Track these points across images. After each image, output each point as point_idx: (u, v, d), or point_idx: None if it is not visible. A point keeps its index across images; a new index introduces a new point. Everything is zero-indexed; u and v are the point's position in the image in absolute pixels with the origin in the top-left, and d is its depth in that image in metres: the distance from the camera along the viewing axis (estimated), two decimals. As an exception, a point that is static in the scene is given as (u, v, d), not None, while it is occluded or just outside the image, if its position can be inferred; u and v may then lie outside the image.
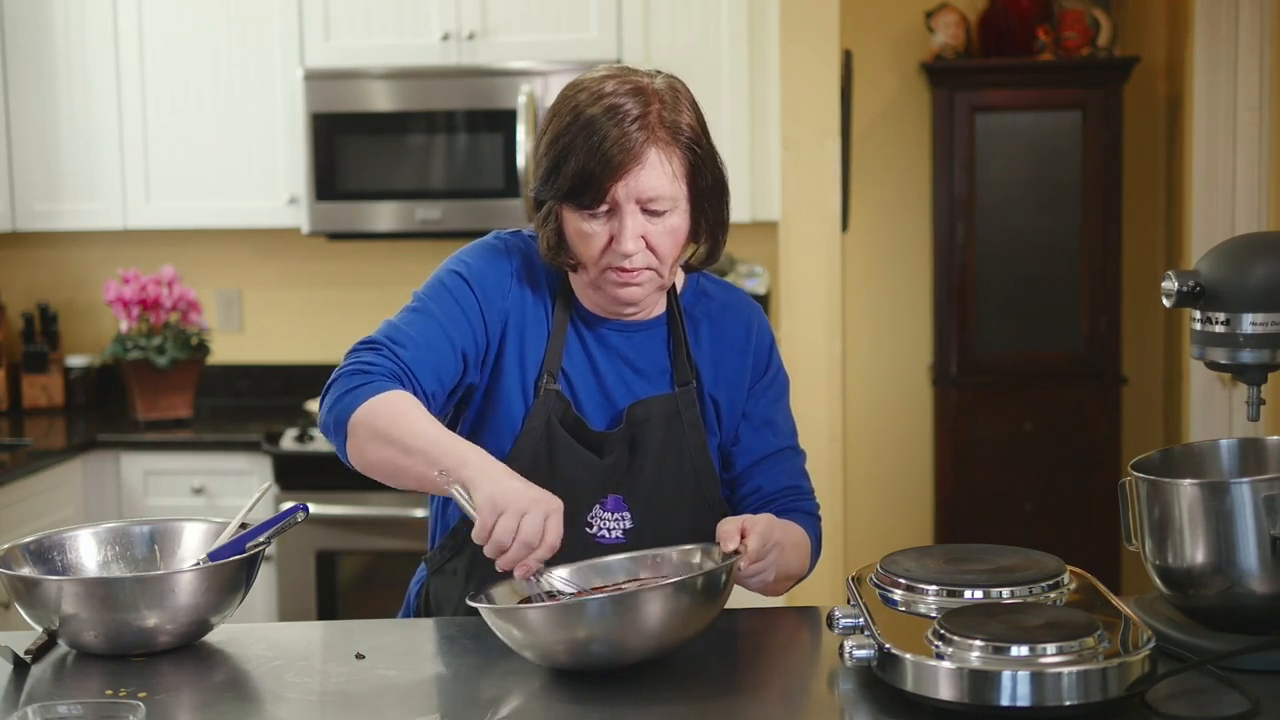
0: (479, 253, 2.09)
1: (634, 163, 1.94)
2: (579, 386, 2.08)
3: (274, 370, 4.85)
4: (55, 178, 4.53)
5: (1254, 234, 1.91)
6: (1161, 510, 1.81)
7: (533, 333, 2.07)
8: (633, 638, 1.72)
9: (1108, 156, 4.90)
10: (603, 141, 1.94)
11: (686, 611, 1.75)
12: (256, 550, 1.97)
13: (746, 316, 2.17)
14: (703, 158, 2.01)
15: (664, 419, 2.08)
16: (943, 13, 4.97)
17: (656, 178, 1.96)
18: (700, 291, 2.16)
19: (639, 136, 1.95)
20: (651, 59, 4.30)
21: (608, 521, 2.06)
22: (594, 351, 2.09)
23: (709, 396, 2.12)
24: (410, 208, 4.34)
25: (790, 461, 2.18)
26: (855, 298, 5.12)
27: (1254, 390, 1.89)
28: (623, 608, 1.71)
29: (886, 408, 5.25)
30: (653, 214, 1.98)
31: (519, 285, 2.07)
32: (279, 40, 4.42)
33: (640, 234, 1.98)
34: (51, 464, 4.09)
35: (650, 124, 1.96)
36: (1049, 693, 1.57)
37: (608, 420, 2.08)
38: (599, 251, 1.99)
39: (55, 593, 1.85)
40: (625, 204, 1.96)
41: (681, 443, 2.08)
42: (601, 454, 2.06)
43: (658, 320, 2.12)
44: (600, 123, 1.94)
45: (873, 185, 5.16)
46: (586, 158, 1.94)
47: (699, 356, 2.12)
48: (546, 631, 1.73)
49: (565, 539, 1.83)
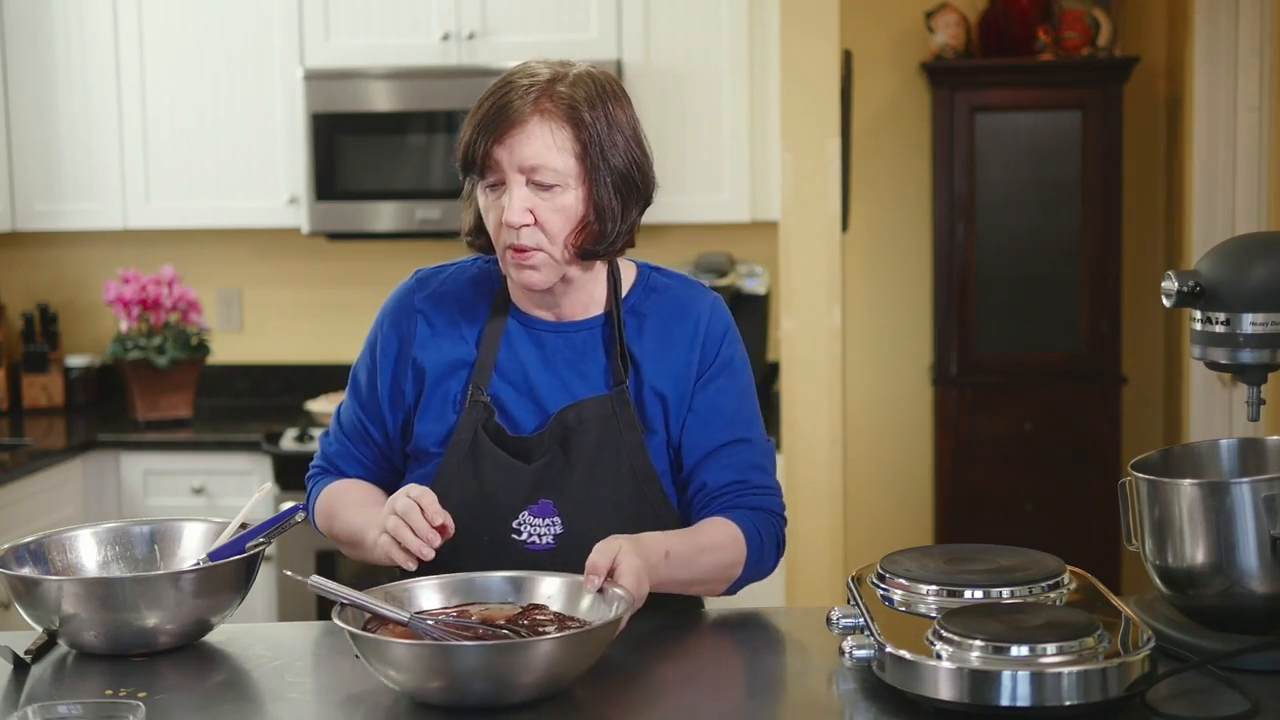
0: (384, 310, 2.18)
1: (514, 127, 1.96)
2: (515, 393, 2.08)
3: (274, 370, 4.85)
4: (55, 178, 4.53)
5: (1254, 234, 1.91)
6: (1161, 510, 1.81)
7: (458, 352, 2.10)
8: (495, 685, 1.65)
9: (1108, 156, 4.90)
10: (489, 109, 1.98)
11: (560, 662, 1.67)
12: (256, 550, 1.97)
13: (695, 308, 2.12)
14: (601, 141, 1.99)
15: (598, 420, 2.05)
16: (943, 13, 4.97)
17: (538, 146, 1.96)
18: (649, 287, 2.14)
19: (521, 104, 1.97)
20: (651, 59, 4.30)
21: (538, 527, 2.04)
22: (529, 355, 2.09)
23: (655, 393, 2.08)
24: (410, 208, 4.34)
25: (739, 454, 2.10)
26: (855, 298, 5.12)
27: (1254, 390, 1.89)
28: (486, 657, 1.64)
29: (886, 408, 5.25)
30: (540, 187, 1.98)
31: (427, 320, 2.12)
32: (279, 40, 4.42)
33: (527, 207, 1.98)
34: (51, 464, 4.09)
35: (536, 95, 1.98)
36: (1049, 693, 1.57)
37: (538, 424, 2.07)
38: (496, 228, 2.01)
39: (55, 593, 1.85)
40: (510, 173, 1.98)
41: (618, 443, 2.05)
42: (529, 459, 2.04)
43: (595, 320, 2.11)
44: (491, 93, 2.00)
45: (873, 185, 5.16)
46: (473, 125, 1.99)
47: (641, 353, 2.09)
48: (409, 667, 1.67)
49: (492, 546, 1.96)
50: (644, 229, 2.14)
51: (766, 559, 2.10)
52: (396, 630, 1.75)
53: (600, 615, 1.77)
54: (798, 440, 4.11)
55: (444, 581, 1.86)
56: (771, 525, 2.11)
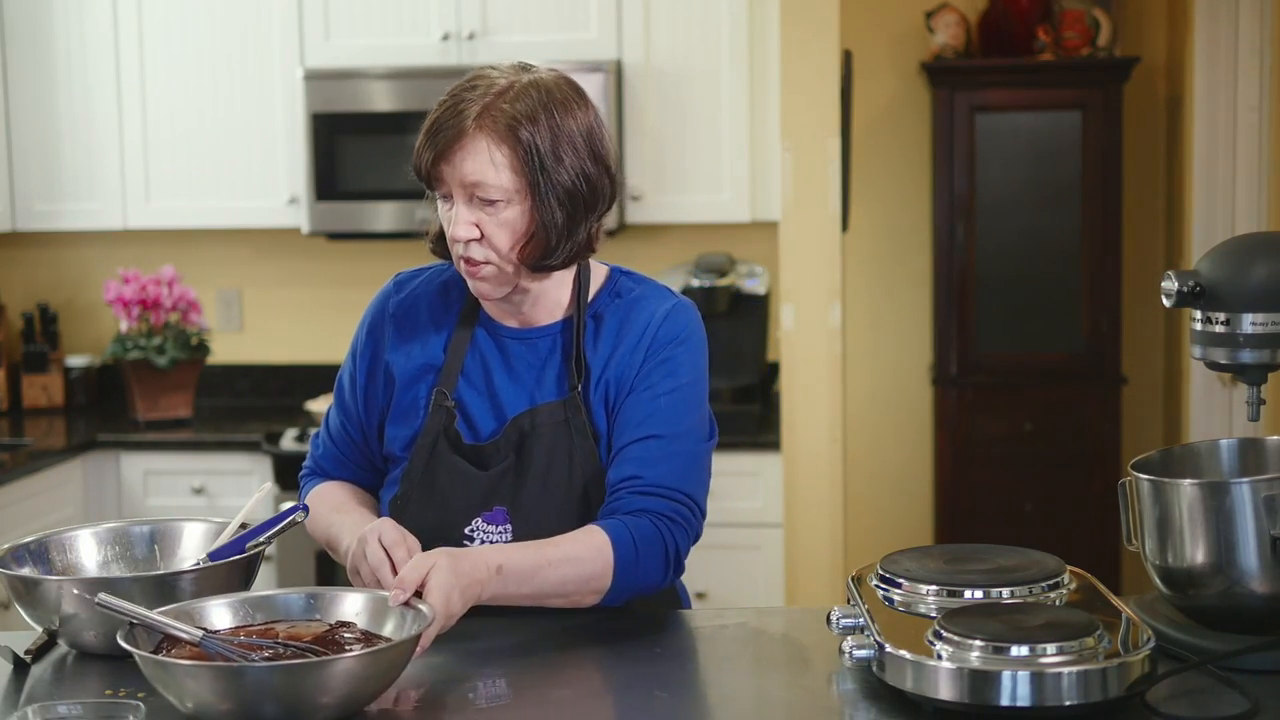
0: (365, 315, 2.21)
1: (455, 146, 1.97)
2: (474, 398, 2.09)
3: (274, 370, 4.85)
4: (55, 178, 4.53)
5: (1254, 234, 1.91)
6: (1161, 510, 1.81)
7: (426, 357, 2.12)
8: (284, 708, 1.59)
9: (1108, 156, 4.90)
10: (434, 124, 2.00)
11: (355, 680, 1.62)
12: (256, 550, 1.97)
13: (650, 311, 2.08)
14: (542, 157, 1.96)
15: (552, 426, 2.04)
16: (943, 13, 4.97)
17: (477, 164, 1.97)
18: (615, 292, 2.12)
19: (462, 121, 1.98)
20: (651, 59, 4.30)
21: (490, 534, 2.03)
22: (493, 361, 2.10)
23: (604, 396, 2.06)
24: (410, 208, 4.34)
25: (645, 449, 2.01)
26: (855, 298, 5.12)
27: (1254, 390, 1.89)
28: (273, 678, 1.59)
29: (886, 408, 5.25)
30: (483, 202, 1.98)
31: (398, 325, 2.14)
32: (279, 40, 4.42)
33: (472, 222, 1.99)
34: (51, 464, 4.09)
35: (478, 111, 1.98)
36: (1049, 693, 1.57)
37: (493, 431, 2.07)
38: (450, 241, 2.03)
39: (55, 593, 1.85)
40: (455, 189, 1.99)
41: (570, 449, 2.04)
42: (485, 466, 2.05)
43: (556, 326, 2.10)
44: (440, 105, 2.01)
45: (873, 185, 5.16)
46: (422, 141, 2.01)
47: (595, 356, 2.07)
48: (198, 689, 1.60)
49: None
50: (644, 229, 2.14)
51: (646, 568, 1.97)
52: (191, 651, 1.68)
53: (408, 632, 1.71)
54: (798, 440, 4.11)
55: (243, 599, 1.80)
56: (657, 530, 1.98)
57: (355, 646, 1.70)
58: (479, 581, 1.86)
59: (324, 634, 1.75)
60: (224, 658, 1.66)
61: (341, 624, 1.76)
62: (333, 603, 1.79)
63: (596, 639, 1.94)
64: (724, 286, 4.38)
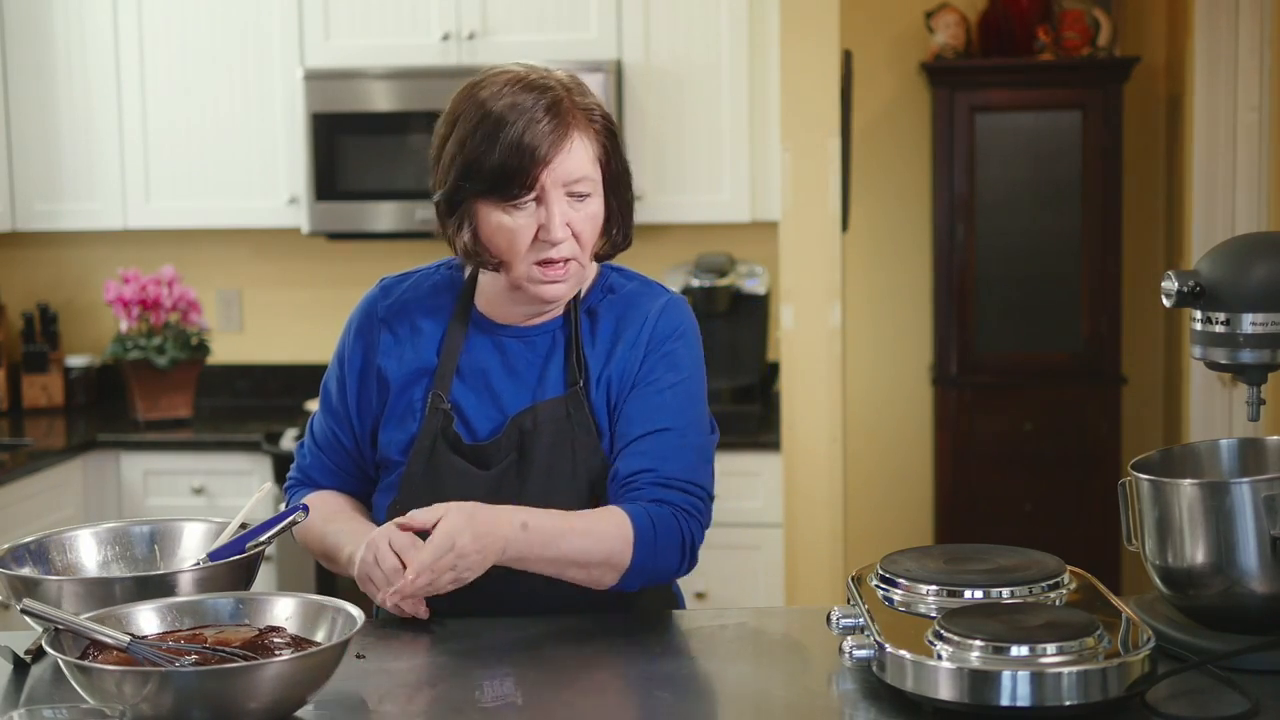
0: (351, 320, 2.20)
1: (559, 147, 1.97)
2: (476, 398, 2.08)
3: (274, 370, 4.85)
4: (55, 178, 4.53)
5: (1254, 234, 1.91)
6: (1161, 510, 1.81)
7: (420, 360, 2.10)
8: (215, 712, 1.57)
9: (1108, 156, 4.90)
10: (527, 133, 1.96)
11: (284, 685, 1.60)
12: (256, 550, 1.97)
13: (646, 308, 2.10)
14: (616, 142, 2.04)
15: (553, 423, 2.05)
16: (943, 13, 4.97)
17: (579, 160, 1.99)
18: (607, 288, 2.13)
19: (561, 121, 1.97)
20: (651, 59, 4.30)
21: None
22: (490, 361, 2.09)
23: (604, 392, 2.07)
24: (410, 208, 4.34)
25: (657, 442, 2.03)
26: (855, 298, 5.12)
27: (1254, 390, 1.89)
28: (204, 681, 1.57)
29: (886, 408, 5.25)
30: (576, 197, 1.99)
31: (390, 329, 2.13)
32: (279, 40, 4.42)
33: (566, 220, 1.99)
34: (51, 464, 4.09)
35: (567, 108, 1.99)
36: (1049, 693, 1.57)
37: (493, 430, 2.07)
38: (525, 246, 1.99)
39: (55, 593, 1.85)
40: (552, 190, 1.98)
41: (573, 445, 2.05)
42: (488, 465, 2.05)
43: (554, 324, 2.11)
44: (520, 111, 1.97)
45: (873, 185, 5.16)
46: (508, 152, 1.96)
47: (594, 353, 2.08)
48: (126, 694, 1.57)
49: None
50: (644, 229, 2.15)
51: (664, 553, 1.99)
52: (118, 657, 1.65)
53: (339, 636, 1.69)
54: (798, 440, 4.11)
55: (171, 604, 1.78)
56: (675, 521, 2.00)
57: (285, 651, 1.69)
58: (501, 536, 1.90)
59: (253, 639, 1.72)
60: (151, 663, 1.64)
61: (271, 629, 1.74)
62: (262, 607, 1.77)
63: (597, 639, 1.94)
64: (724, 286, 4.38)
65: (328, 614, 1.73)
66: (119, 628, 1.70)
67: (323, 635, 1.72)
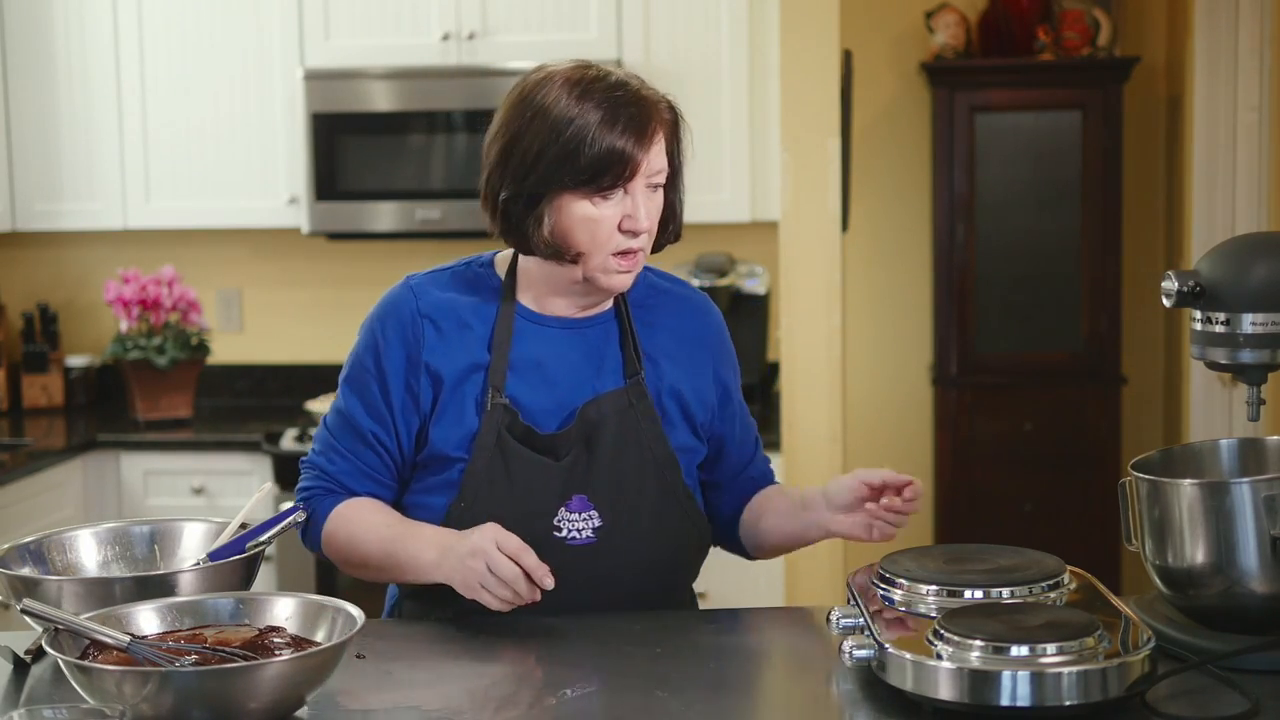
0: (380, 318, 2.14)
1: (654, 139, 2.02)
2: (532, 390, 2.07)
3: (274, 370, 4.85)
4: (55, 178, 4.53)
5: (1254, 234, 1.91)
6: (1161, 510, 1.81)
7: (472, 355, 2.08)
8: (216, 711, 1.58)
9: (1108, 156, 4.90)
10: (632, 122, 1.98)
11: (287, 684, 1.60)
12: (256, 550, 1.97)
13: (702, 307, 2.22)
14: (679, 135, 2.10)
15: (617, 413, 2.08)
16: (943, 13, 4.97)
17: (659, 151, 2.04)
18: (650, 286, 2.18)
19: (649, 112, 2.01)
20: (651, 59, 4.30)
21: (575, 522, 2.05)
22: (544, 354, 2.09)
23: (672, 389, 2.12)
24: (410, 208, 4.34)
25: (758, 447, 2.28)
26: (855, 298, 5.12)
27: (1254, 390, 1.89)
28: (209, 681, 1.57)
29: (886, 408, 5.25)
30: (653, 188, 2.04)
31: (435, 325, 2.09)
32: (279, 40, 4.42)
33: (647, 210, 2.03)
34: (51, 464, 4.09)
35: (650, 100, 2.03)
36: (1049, 693, 1.57)
37: (564, 419, 2.07)
38: (608, 236, 2.01)
39: (55, 593, 1.85)
40: (639, 181, 2.01)
41: (638, 434, 2.08)
42: (557, 456, 2.05)
43: (605, 315, 2.13)
44: (617, 105, 1.99)
45: (873, 185, 5.16)
46: (614, 139, 1.97)
47: (655, 349, 2.13)
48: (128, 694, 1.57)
49: (535, 546, 1.94)
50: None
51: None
52: (118, 657, 1.66)
53: (338, 636, 1.69)
54: (798, 440, 4.11)
55: (171, 604, 1.78)
56: None
57: (285, 651, 1.68)
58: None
59: (253, 639, 1.72)
60: (151, 663, 1.64)
61: (271, 629, 1.74)
62: (262, 607, 1.77)
63: (597, 639, 1.94)
64: (724, 286, 4.38)
65: (328, 614, 1.73)
66: (119, 628, 1.70)
67: (323, 635, 1.72)
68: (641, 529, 2.07)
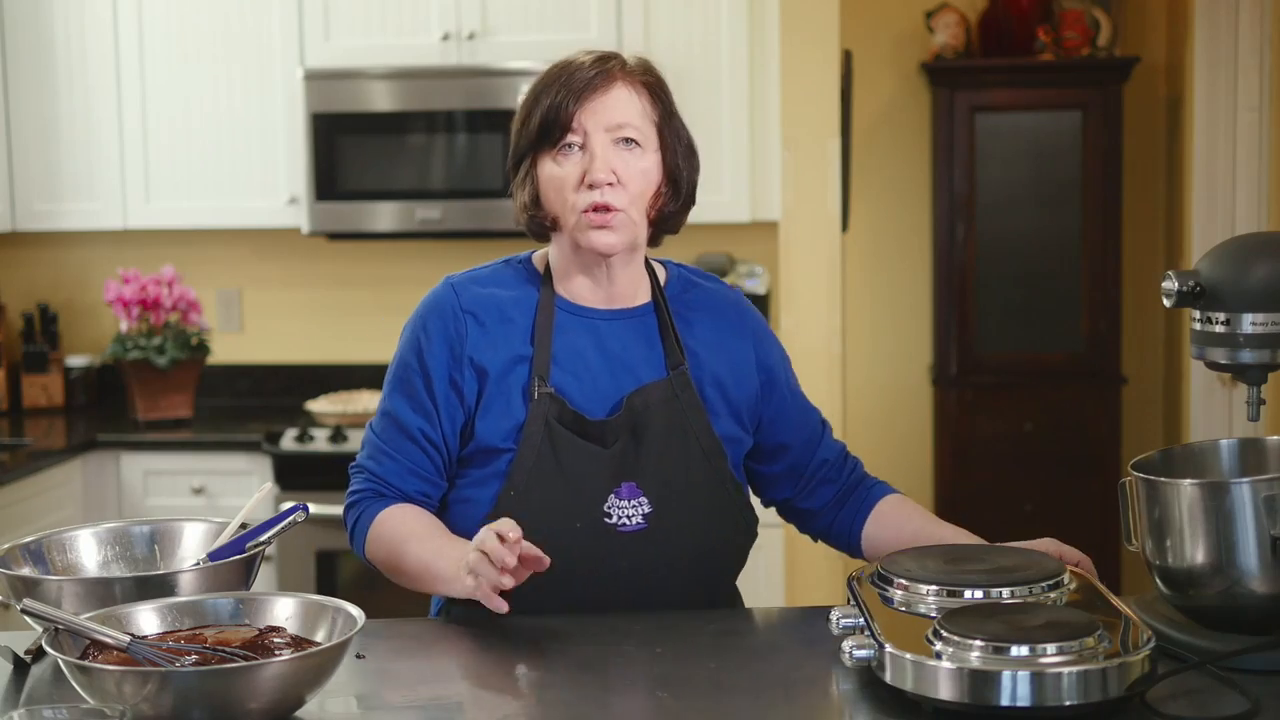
0: (424, 317, 2.14)
1: (600, 90, 2.05)
2: (575, 381, 2.09)
3: (274, 370, 4.85)
4: (55, 178, 4.53)
5: (1254, 234, 1.91)
6: (1161, 510, 1.81)
7: (514, 348, 2.10)
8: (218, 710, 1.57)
9: (1108, 156, 4.90)
10: (569, 79, 2.06)
11: (290, 684, 1.60)
12: (256, 550, 1.97)
13: (737, 300, 2.26)
14: (673, 110, 2.13)
15: (663, 403, 2.10)
16: (943, 13, 4.97)
17: (624, 105, 2.07)
18: (686, 283, 2.23)
19: (604, 72, 2.07)
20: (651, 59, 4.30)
21: (625, 509, 2.06)
22: (585, 343, 2.11)
23: (714, 380, 2.15)
24: (410, 208, 4.34)
25: (828, 431, 2.31)
26: (855, 298, 5.12)
27: (1254, 390, 1.89)
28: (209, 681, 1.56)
29: (886, 408, 5.25)
30: (624, 144, 2.06)
31: (478, 320, 2.11)
32: (279, 40, 4.42)
33: (611, 166, 2.05)
34: (51, 464, 4.09)
35: (613, 66, 2.08)
36: (1049, 693, 1.57)
37: (608, 409, 2.09)
38: (571, 190, 2.05)
39: (55, 593, 1.85)
40: (595, 133, 2.05)
41: (684, 423, 2.10)
42: (605, 443, 2.07)
43: (645, 308, 2.16)
44: (566, 67, 2.08)
45: (873, 185, 5.16)
46: (553, 95, 2.05)
47: (695, 342, 2.16)
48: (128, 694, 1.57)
49: (587, 532, 1.98)
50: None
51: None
52: (118, 657, 1.65)
53: (338, 636, 1.68)
54: (798, 440, 4.10)
55: (171, 604, 1.78)
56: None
57: (285, 651, 1.68)
58: None
59: (253, 639, 1.72)
60: (151, 663, 1.63)
61: (271, 629, 1.74)
62: (262, 607, 1.77)
63: (597, 639, 1.94)
64: (724, 286, 4.38)
65: (328, 614, 1.73)
66: (119, 628, 1.70)
67: (323, 635, 1.72)
68: (691, 516, 2.09)
